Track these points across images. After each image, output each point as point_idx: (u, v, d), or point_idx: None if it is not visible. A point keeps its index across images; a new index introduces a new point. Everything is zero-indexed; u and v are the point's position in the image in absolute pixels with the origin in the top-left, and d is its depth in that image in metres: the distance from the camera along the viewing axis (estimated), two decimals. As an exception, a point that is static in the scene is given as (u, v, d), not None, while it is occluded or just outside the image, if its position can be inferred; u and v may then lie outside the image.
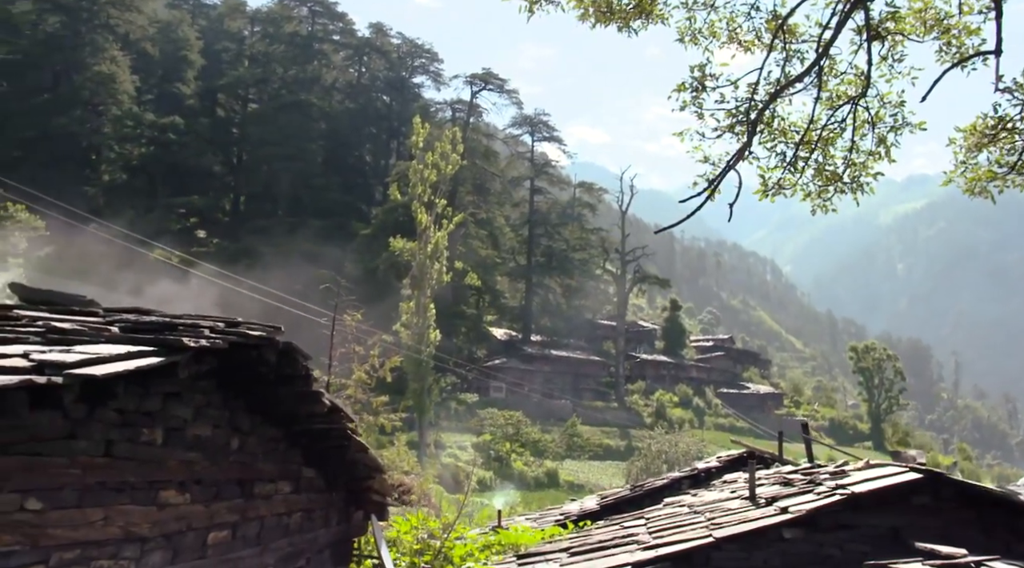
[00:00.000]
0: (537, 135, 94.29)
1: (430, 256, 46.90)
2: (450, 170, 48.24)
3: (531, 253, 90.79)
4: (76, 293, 4.22)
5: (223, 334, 3.70)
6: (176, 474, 3.94)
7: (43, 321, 3.63)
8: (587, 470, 57.43)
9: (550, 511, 16.26)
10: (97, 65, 73.91)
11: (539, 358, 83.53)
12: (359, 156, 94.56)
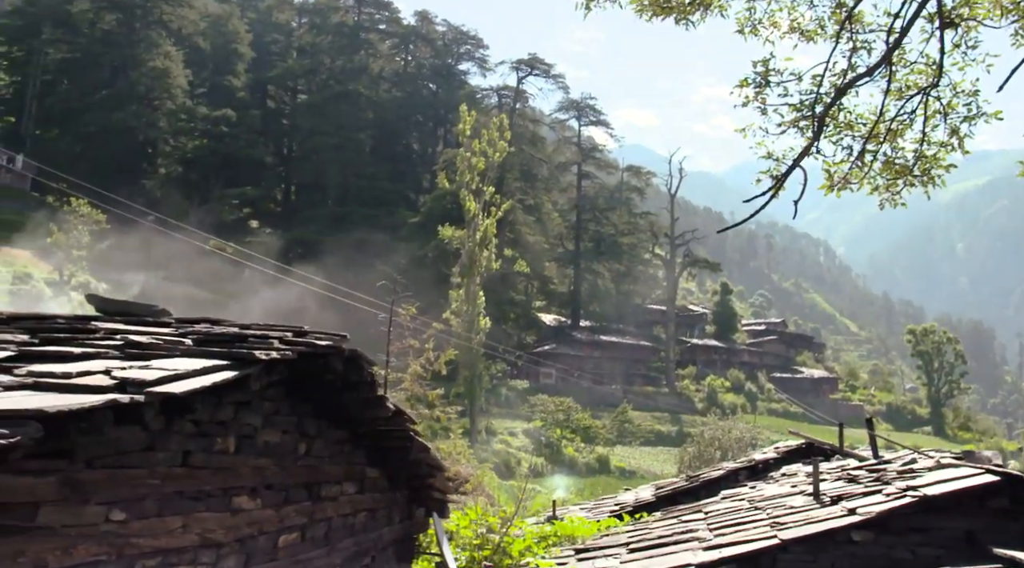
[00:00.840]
0: (584, 119, 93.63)
1: (479, 244, 47.02)
2: (498, 157, 48.23)
3: (579, 238, 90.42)
4: (149, 303, 4.32)
5: (292, 344, 3.75)
6: (248, 480, 4.02)
7: (121, 334, 3.72)
8: (638, 456, 57.24)
9: (604, 501, 16.20)
10: (152, 61, 75.56)
11: (588, 344, 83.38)
12: (406, 144, 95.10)
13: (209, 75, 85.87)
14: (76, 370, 2.94)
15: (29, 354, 3.22)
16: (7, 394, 2.68)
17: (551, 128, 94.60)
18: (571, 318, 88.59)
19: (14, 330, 3.86)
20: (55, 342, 3.55)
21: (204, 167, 77.68)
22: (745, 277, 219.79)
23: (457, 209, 61.96)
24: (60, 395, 2.73)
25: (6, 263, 53.94)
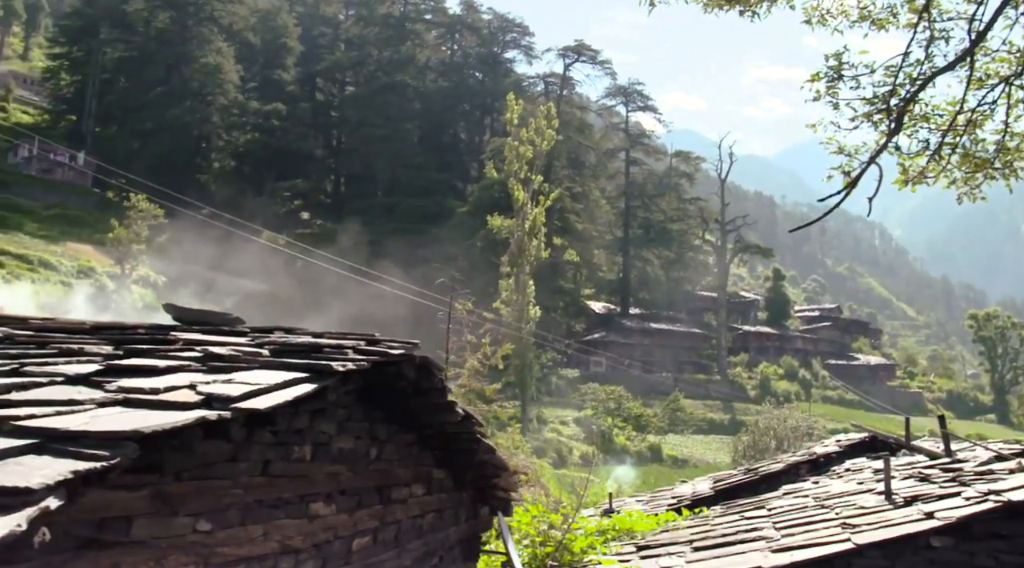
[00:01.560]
0: (631, 105, 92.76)
1: (528, 233, 46.99)
2: (546, 146, 48.07)
3: (628, 225, 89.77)
4: (224, 311, 4.39)
5: (366, 354, 3.77)
6: (323, 487, 4.07)
7: (200, 346, 3.78)
8: (690, 444, 56.79)
9: (661, 493, 16.07)
10: (204, 57, 77.00)
11: (638, 331, 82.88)
12: (454, 134, 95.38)
13: (259, 69, 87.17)
14: (163, 385, 2.99)
15: (116, 368, 3.30)
16: (102, 411, 2.74)
17: (598, 115, 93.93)
18: (620, 306, 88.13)
19: (99, 340, 3.96)
20: (139, 354, 3.63)
21: (256, 161, 79.07)
22: (798, 262, 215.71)
23: (505, 198, 61.95)
24: (151, 412, 2.78)
25: (70, 257, 55.67)
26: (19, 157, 71.94)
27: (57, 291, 45.16)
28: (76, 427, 2.43)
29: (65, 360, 3.43)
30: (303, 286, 55.62)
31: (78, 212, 66.83)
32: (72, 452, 2.32)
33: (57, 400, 2.77)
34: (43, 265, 49.82)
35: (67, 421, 2.53)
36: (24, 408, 2.69)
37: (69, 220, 64.41)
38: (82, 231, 62.27)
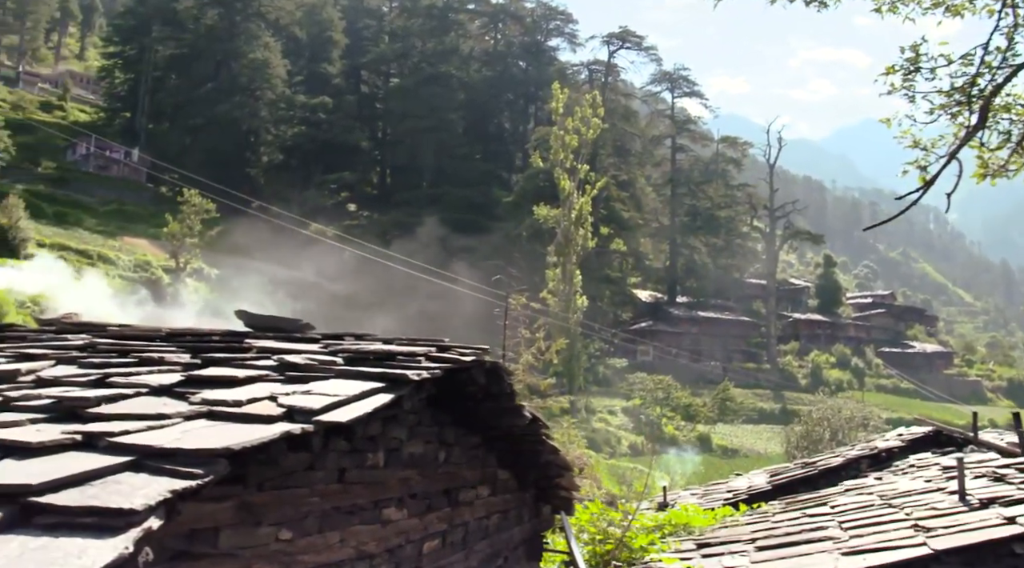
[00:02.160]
0: (677, 91, 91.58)
1: (574, 222, 46.88)
2: (591, 135, 47.83)
3: (674, 213, 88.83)
4: (294, 317, 4.43)
5: (438, 361, 3.77)
6: (395, 492, 4.10)
7: (274, 354, 3.82)
8: (740, 434, 56.17)
9: (716, 487, 15.87)
10: (252, 52, 78.15)
11: (686, 320, 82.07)
12: (498, 123, 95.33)
13: (306, 63, 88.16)
14: (245, 397, 3.02)
15: (197, 379, 3.34)
16: (189, 425, 2.78)
17: (643, 101, 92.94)
18: (668, 294, 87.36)
19: (176, 348, 4.03)
20: (216, 362, 3.68)
21: (304, 154, 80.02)
22: (848, 247, 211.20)
23: (550, 187, 61.76)
24: (235, 425, 2.81)
25: (127, 251, 57.14)
26: (77, 155, 73.98)
27: (117, 285, 46.42)
28: (169, 444, 2.46)
29: (147, 370, 3.49)
30: (352, 277, 56.21)
31: (133, 207, 68.53)
32: (168, 470, 2.35)
33: (146, 414, 2.82)
34: (102, 260, 51.26)
35: (159, 437, 2.57)
36: (116, 422, 2.74)
37: (125, 215, 66.10)
38: (138, 226, 63.85)
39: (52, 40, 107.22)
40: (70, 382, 3.35)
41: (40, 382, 3.36)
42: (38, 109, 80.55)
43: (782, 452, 50.21)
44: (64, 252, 49.23)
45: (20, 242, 44.91)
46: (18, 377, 3.43)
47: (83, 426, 2.71)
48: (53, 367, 3.69)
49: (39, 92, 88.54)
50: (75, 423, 2.80)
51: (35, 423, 2.80)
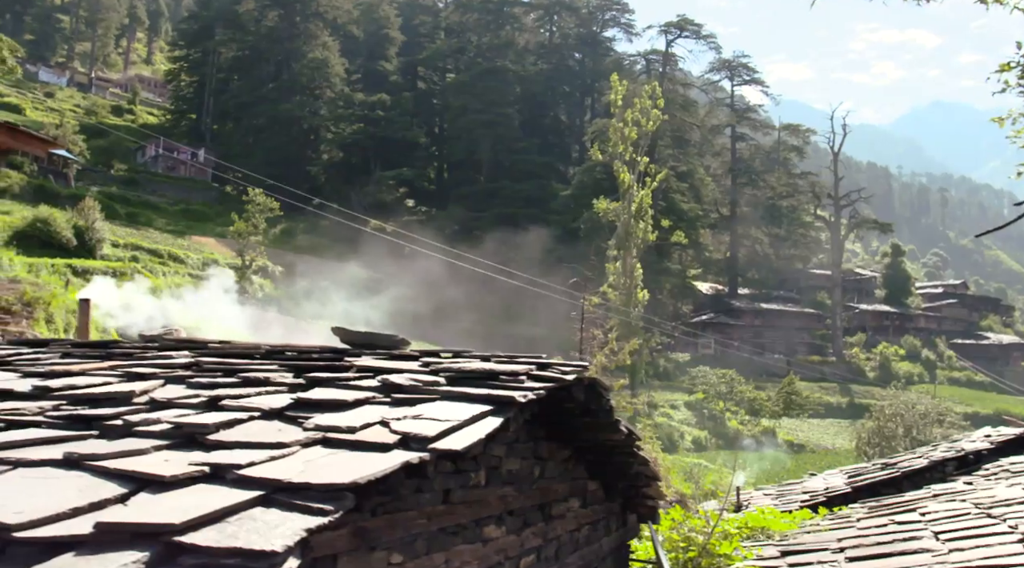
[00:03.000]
0: (736, 79, 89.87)
1: (635, 215, 46.29)
2: (651, 126, 47.09)
3: (735, 203, 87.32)
4: (389, 333, 4.43)
5: (540, 379, 3.73)
6: (494, 509, 4.07)
7: (375, 373, 3.82)
8: (806, 429, 55.00)
9: (790, 487, 15.53)
10: (311, 52, 79.42)
11: (748, 312, 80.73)
12: (554, 116, 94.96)
13: (363, 61, 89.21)
14: (358, 423, 3.02)
15: (306, 402, 3.35)
16: (307, 453, 2.78)
17: (702, 90, 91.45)
18: (728, 286, 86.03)
19: (278, 366, 4.06)
20: (320, 383, 3.69)
21: (362, 151, 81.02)
22: (916, 236, 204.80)
23: (608, 179, 61.22)
24: (352, 454, 2.80)
25: (195, 249, 58.71)
26: (147, 156, 76.31)
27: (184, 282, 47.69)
28: (297, 478, 2.46)
29: (256, 391, 3.52)
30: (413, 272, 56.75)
31: (200, 206, 70.39)
32: (299, 505, 2.35)
33: (266, 442, 2.83)
34: (172, 259, 52.77)
35: (284, 469, 2.57)
36: (237, 450, 2.76)
37: (193, 214, 67.95)
38: (204, 225, 65.56)
39: (121, 46, 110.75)
40: (182, 404, 3.40)
41: (154, 404, 3.42)
42: (110, 113, 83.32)
43: (850, 447, 49.03)
44: (137, 252, 50.86)
45: (96, 243, 46.52)
46: (133, 398, 3.50)
47: (206, 455, 2.73)
48: (163, 387, 3.75)
49: (110, 97, 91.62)
50: (197, 451, 2.83)
51: (158, 450, 2.84)
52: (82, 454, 2.67)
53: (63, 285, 26.67)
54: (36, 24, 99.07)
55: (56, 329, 16.84)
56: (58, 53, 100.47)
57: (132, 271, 45.52)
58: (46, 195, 53.09)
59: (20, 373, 4.09)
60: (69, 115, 72.64)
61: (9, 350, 4.60)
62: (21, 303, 15.04)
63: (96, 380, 3.82)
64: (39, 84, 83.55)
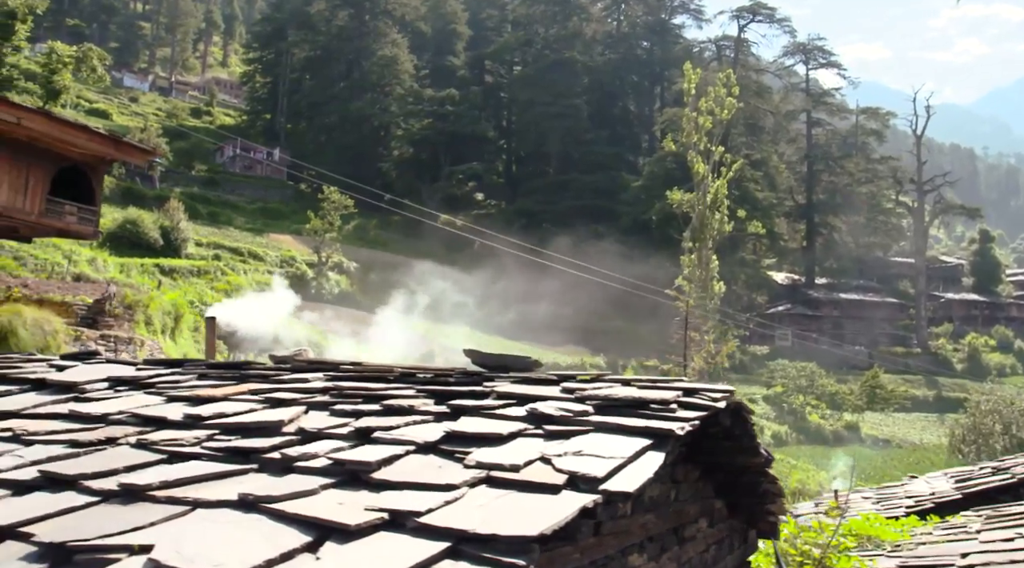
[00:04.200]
0: (812, 63, 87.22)
1: (710, 206, 45.39)
2: (726, 115, 45.79)
3: (811, 191, 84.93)
4: (521, 355, 4.35)
5: (691, 407, 3.59)
6: (637, 537, 3.97)
7: (519, 401, 3.74)
8: (891, 423, 53.23)
9: (891, 490, 14.92)
10: (381, 50, 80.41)
11: (826, 303, 78.52)
12: (623, 106, 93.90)
13: (431, 57, 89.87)
14: (518, 459, 2.94)
15: (459, 435, 3.28)
16: (479, 496, 2.71)
17: (776, 76, 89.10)
18: (805, 276, 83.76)
19: (415, 392, 4.02)
20: (465, 411, 3.63)
21: (432, 146, 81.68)
22: (1005, 220, 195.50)
23: (680, 169, 60.05)
24: (522, 496, 2.72)
25: (273, 247, 60.18)
26: (225, 157, 78.55)
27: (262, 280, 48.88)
28: (483, 529, 2.38)
29: (404, 422, 3.47)
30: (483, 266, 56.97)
31: (277, 205, 72.16)
32: (489, 559, 2.28)
33: (433, 483, 2.76)
34: (252, 256, 54.22)
35: (462, 516, 2.50)
36: (406, 492, 2.71)
37: (270, 213, 69.71)
38: (281, 222, 67.18)
39: (198, 50, 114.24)
40: (332, 435, 3.38)
41: (304, 435, 3.40)
42: (189, 115, 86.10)
43: (940, 443, 47.19)
44: (219, 251, 52.46)
45: (181, 242, 48.18)
46: (282, 428, 3.50)
47: (376, 496, 2.69)
48: (306, 415, 3.75)
49: (189, 99, 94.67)
50: (363, 490, 2.79)
51: (326, 489, 2.81)
52: (257, 496, 2.65)
53: (155, 285, 27.65)
54: (120, 32, 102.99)
55: (154, 330, 17.46)
56: (140, 59, 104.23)
57: (216, 269, 47.01)
58: (133, 197, 55.19)
59: (165, 397, 4.16)
60: (152, 119, 75.31)
61: (150, 371, 4.70)
62: (123, 306, 15.70)
63: (241, 407, 3.84)
64: (124, 90, 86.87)
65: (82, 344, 12.14)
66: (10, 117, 11.41)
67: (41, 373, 4.67)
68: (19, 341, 10.10)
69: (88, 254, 34.84)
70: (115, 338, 13.00)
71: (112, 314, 14.81)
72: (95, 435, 3.53)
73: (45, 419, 3.87)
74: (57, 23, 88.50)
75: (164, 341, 17.60)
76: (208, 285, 43.06)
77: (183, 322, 20.29)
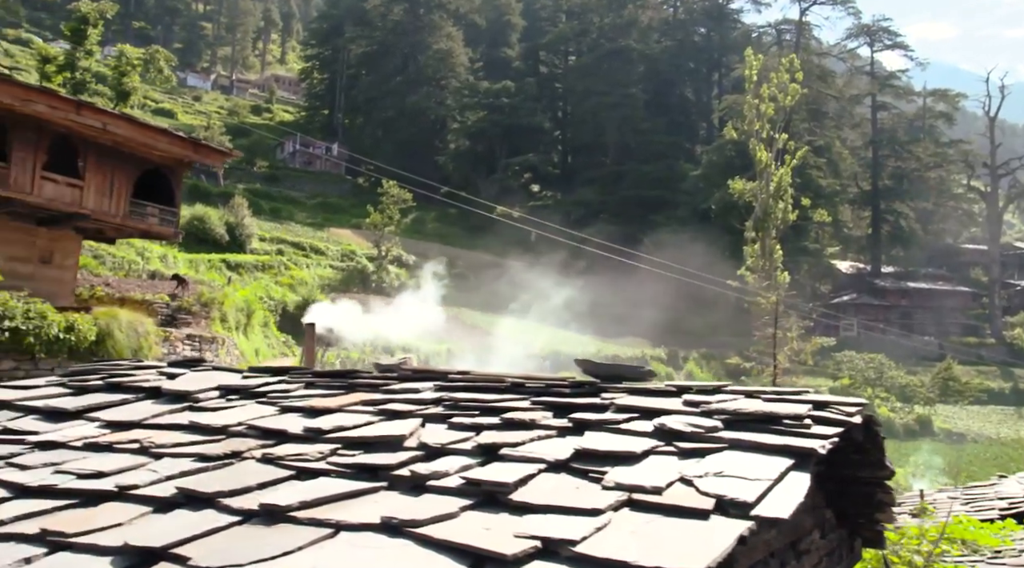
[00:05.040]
0: (877, 45, 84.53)
1: (773, 195, 44.44)
2: (789, 101, 44.88)
3: (877, 177, 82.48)
4: (636, 365, 4.24)
5: (825, 422, 3.44)
6: (760, 554, 3.84)
7: (641, 414, 3.64)
8: (965, 417, 51.49)
9: (978, 490, 14.37)
10: (436, 43, 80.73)
11: (893, 292, 76.29)
12: (681, 94, 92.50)
13: (486, 49, 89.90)
14: (660, 481, 2.83)
15: (590, 453, 3.19)
16: (619, 519, 2.62)
17: (839, 59, 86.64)
18: (871, 264, 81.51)
19: (532, 403, 3.94)
20: (588, 426, 3.54)
21: (488, 139, 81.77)
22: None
23: (740, 157, 59.19)
24: (670, 521, 2.62)
25: (333, 241, 61.06)
26: (286, 153, 79.97)
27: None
28: (645, 561, 2.29)
29: (529, 437, 3.39)
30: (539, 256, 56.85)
31: (335, 199, 73.17)
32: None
33: (576, 507, 2.68)
34: (314, 251, 55.11)
35: (615, 545, 2.40)
36: (550, 515, 2.64)
37: (329, 207, 70.73)
38: (341, 217, 68.11)
39: (258, 48, 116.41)
40: (456, 450, 3.33)
41: (427, 450, 3.35)
42: (249, 113, 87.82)
43: (1017, 437, 45.54)
44: (282, 245, 53.43)
45: (246, 238, 49.24)
46: (404, 442, 3.46)
47: (520, 520, 2.62)
48: (423, 428, 3.71)
49: (249, 97, 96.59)
50: (504, 513, 2.72)
51: (464, 511, 2.75)
52: (402, 520, 2.61)
53: (225, 281, 28.30)
54: (183, 32, 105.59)
55: (229, 327, 17.83)
56: (202, 59, 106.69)
57: (279, 264, 47.92)
58: (199, 194, 56.51)
59: (278, 408, 4.16)
60: (215, 117, 77.01)
61: (257, 380, 4.72)
62: (199, 304, 16.11)
63: (358, 419, 3.81)
64: (187, 89, 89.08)
65: (170, 344, 12.50)
66: (96, 122, 11.76)
67: (153, 381, 4.74)
68: (115, 342, 10.46)
69: (159, 251, 35.83)
70: (199, 338, 13.32)
71: (190, 311, 15.21)
72: (220, 448, 3.54)
73: (166, 430, 3.90)
74: (124, 26, 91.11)
75: (238, 337, 17.97)
76: (272, 280, 43.92)
77: (254, 318, 20.70)
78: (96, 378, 4.88)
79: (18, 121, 12.21)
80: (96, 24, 41.59)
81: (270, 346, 22.75)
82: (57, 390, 4.69)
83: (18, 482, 3.19)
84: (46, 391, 4.63)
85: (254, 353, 18.28)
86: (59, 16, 77.64)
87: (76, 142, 12.55)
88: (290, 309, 31.65)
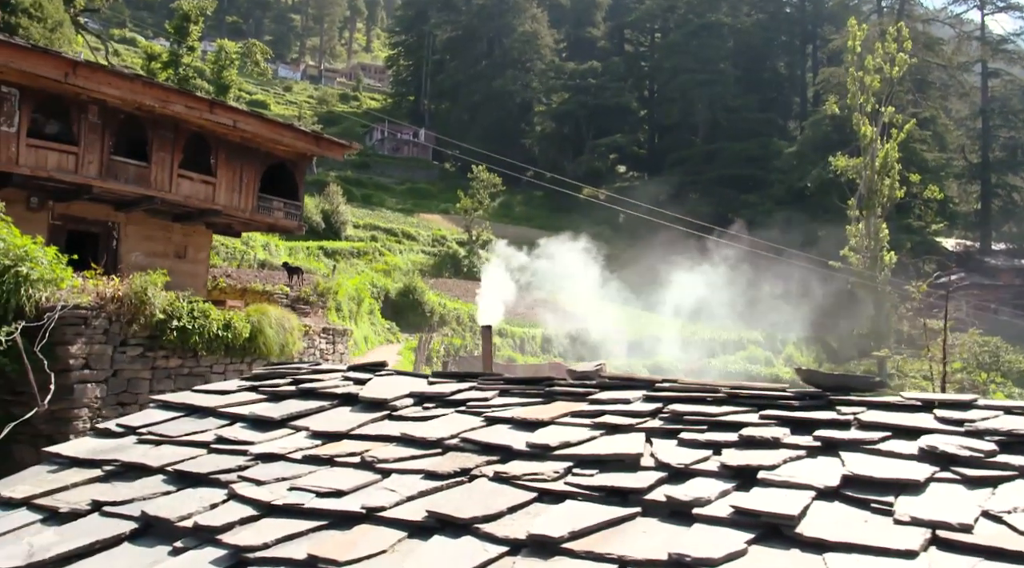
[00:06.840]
0: (988, 7, 79.56)
1: (879, 172, 42.55)
2: (896, 73, 42.82)
3: (987, 149, 77.92)
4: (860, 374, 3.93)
5: None
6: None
7: (901, 434, 3.34)
8: (1090, 403, 48.25)
9: None
10: (521, 26, 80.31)
11: (1006, 270, 72.21)
12: (773, 69, 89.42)
13: (571, 30, 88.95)
14: (968, 517, 2.55)
15: (859, 479, 2.92)
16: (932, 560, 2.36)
17: (948, 24, 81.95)
18: (980, 242, 77.31)
19: (760, 418, 3.70)
20: (838, 445, 3.27)
21: (575, 120, 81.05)
22: None
23: (837, 133, 56.83)
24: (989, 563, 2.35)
25: (424, 227, 61.73)
26: (374, 140, 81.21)
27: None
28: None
29: (778, 458, 3.15)
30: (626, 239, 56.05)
31: (424, 185, 73.96)
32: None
33: (882, 547, 2.43)
34: (406, 236, 55.84)
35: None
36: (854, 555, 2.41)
37: (418, 193, 71.55)
38: (430, 202, 68.80)
39: (344, 37, 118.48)
40: (703, 472, 3.11)
41: (670, 471, 3.15)
42: (338, 101, 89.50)
43: None
44: (374, 232, 54.33)
45: (341, 225, 50.25)
46: (640, 461, 3.27)
47: (818, 559, 2.41)
48: (650, 444, 3.51)
49: (337, 86, 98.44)
50: (794, 548, 2.51)
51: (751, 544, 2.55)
52: (695, 557, 2.42)
53: (330, 271, 28.86)
54: (273, 25, 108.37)
55: (343, 316, 18.13)
56: (292, 50, 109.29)
57: (374, 250, 48.75)
58: (295, 183, 57.90)
59: (483, 418, 4.04)
60: (305, 106, 78.83)
61: (447, 386, 4.61)
62: (316, 293, 16.44)
63: (580, 434, 3.64)
64: (279, 80, 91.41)
65: (309, 339, 12.79)
66: (228, 120, 12.07)
67: (343, 387, 4.69)
68: (266, 339, 10.76)
69: (261, 240, 36.88)
70: (332, 331, 13.61)
71: (307, 301, 15.53)
72: (446, 465, 3.43)
73: (379, 442, 3.82)
74: (218, 21, 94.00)
75: (351, 326, 18.24)
76: (368, 265, 44.69)
77: (363, 307, 21.02)
78: (285, 383, 4.86)
79: (158, 122, 12.69)
80: (197, 21, 42.91)
81: (376, 334, 23.11)
82: (252, 396, 4.69)
83: (262, 500, 3.15)
84: (242, 397, 4.63)
85: (363, 341, 18.59)
86: (160, 15, 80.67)
87: (209, 140, 13.00)
88: (392, 296, 32.07)
